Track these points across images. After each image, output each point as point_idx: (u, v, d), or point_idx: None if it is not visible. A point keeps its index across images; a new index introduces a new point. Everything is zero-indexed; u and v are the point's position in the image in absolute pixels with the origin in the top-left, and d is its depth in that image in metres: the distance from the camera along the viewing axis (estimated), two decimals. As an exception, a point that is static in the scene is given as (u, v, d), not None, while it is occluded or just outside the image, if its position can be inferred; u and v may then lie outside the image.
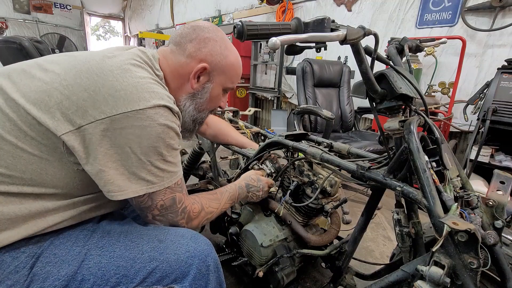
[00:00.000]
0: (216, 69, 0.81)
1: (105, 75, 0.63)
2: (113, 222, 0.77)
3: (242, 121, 1.77)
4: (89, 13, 8.40)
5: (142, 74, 0.68)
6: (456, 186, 0.72)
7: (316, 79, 2.66)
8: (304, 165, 1.06)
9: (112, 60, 0.68)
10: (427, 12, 2.91)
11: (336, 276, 1.04)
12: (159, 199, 0.71)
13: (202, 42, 0.78)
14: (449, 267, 0.57)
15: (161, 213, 0.73)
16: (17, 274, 0.61)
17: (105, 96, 0.61)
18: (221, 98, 0.90)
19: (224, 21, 5.48)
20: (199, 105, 0.84)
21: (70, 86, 0.62)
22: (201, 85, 0.82)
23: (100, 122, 0.60)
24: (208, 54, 0.79)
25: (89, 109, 0.60)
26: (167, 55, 0.80)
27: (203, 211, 0.83)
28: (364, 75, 0.69)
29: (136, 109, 0.62)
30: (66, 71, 0.64)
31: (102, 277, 0.65)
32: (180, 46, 0.79)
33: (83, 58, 0.68)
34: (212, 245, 0.76)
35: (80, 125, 0.60)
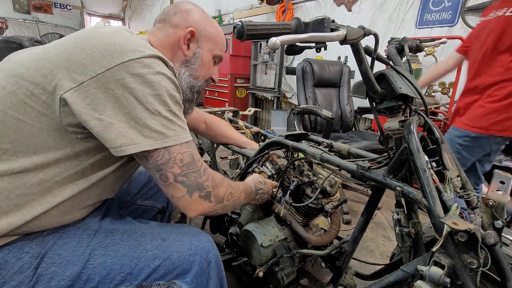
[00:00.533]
0: (202, 35, 0.85)
1: (98, 36, 0.65)
2: (116, 222, 0.77)
3: (242, 121, 1.77)
4: (89, 13, 8.40)
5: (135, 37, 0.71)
6: (456, 186, 0.72)
7: (316, 79, 2.66)
8: (304, 165, 1.06)
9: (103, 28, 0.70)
10: (427, 12, 2.91)
11: (336, 276, 1.04)
12: (176, 152, 0.66)
13: (185, 12, 0.83)
14: (449, 267, 0.57)
15: (182, 171, 0.67)
16: (21, 274, 0.61)
17: (101, 52, 0.62)
18: (213, 67, 0.91)
19: (224, 21, 5.48)
20: (194, 71, 0.86)
21: (67, 50, 0.63)
22: (191, 51, 0.84)
23: (101, 75, 0.60)
24: (193, 21, 0.83)
25: (88, 65, 0.61)
26: (154, 33, 0.83)
27: (226, 180, 0.79)
28: (364, 75, 0.69)
29: (133, 58, 0.62)
30: (60, 42, 0.67)
31: (107, 276, 0.66)
32: (165, 21, 0.83)
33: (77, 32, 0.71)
34: (213, 242, 0.77)
35: (82, 81, 0.60)
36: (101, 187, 0.74)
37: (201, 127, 1.34)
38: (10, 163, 0.61)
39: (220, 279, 0.76)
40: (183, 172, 0.67)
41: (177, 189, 0.68)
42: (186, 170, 0.68)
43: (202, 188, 0.70)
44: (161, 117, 0.64)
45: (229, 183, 0.81)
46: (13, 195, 0.61)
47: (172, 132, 0.66)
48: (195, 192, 0.69)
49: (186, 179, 0.68)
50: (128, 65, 0.61)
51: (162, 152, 0.65)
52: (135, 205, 1.06)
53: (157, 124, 0.64)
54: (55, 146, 0.63)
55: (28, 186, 0.62)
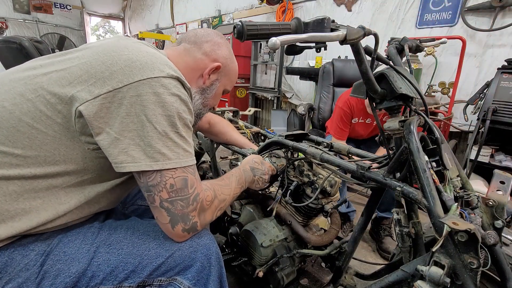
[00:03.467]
0: (224, 70, 0.91)
1: (121, 50, 0.67)
2: (119, 220, 0.78)
3: (242, 121, 1.77)
4: (89, 13, 8.39)
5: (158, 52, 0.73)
6: (456, 186, 0.72)
7: (336, 78, 2.53)
8: (304, 165, 1.06)
9: (126, 40, 0.73)
10: (427, 12, 2.90)
11: (336, 276, 1.04)
12: (168, 176, 0.66)
13: (216, 44, 0.88)
14: (449, 267, 0.57)
15: (169, 197, 0.66)
16: (27, 271, 0.62)
17: (122, 67, 0.63)
18: (219, 98, 0.97)
19: (224, 21, 5.48)
20: (206, 100, 0.91)
21: (88, 62, 0.65)
22: (211, 82, 0.89)
23: (117, 91, 0.62)
24: (221, 56, 0.88)
25: (107, 79, 0.62)
26: (178, 51, 0.86)
27: (216, 199, 0.78)
28: (364, 75, 0.69)
29: (151, 77, 0.63)
30: (84, 53, 0.69)
31: (111, 273, 0.67)
32: (196, 44, 0.86)
33: (100, 42, 0.73)
34: (214, 239, 0.77)
35: (98, 94, 0.61)
36: (108, 197, 0.76)
37: (204, 126, 1.37)
38: (21, 169, 0.62)
39: (220, 275, 0.77)
40: (170, 199, 0.66)
41: (161, 215, 0.67)
42: (173, 197, 0.66)
43: (187, 220, 0.69)
44: (167, 138, 0.65)
45: (219, 200, 0.79)
46: (21, 199, 0.63)
47: (175, 154, 0.66)
48: (179, 224, 0.68)
49: (171, 206, 0.66)
50: (145, 83, 0.63)
51: (154, 174, 0.65)
52: (135, 205, 1.07)
53: (161, 145, 0.64)
54: (65, 155, 0.65)
55: (37, 191, 0.64)
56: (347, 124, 1.84)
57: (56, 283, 0.63)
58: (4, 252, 0.62)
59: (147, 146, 0.63)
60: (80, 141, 0.65)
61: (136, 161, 0.63)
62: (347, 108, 1.80)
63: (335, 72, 2.52)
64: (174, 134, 0.66)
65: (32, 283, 0.62)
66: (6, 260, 0.62)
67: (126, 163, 0.63)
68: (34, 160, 0.63)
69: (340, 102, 1.85)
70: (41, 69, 0.67)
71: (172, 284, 0.70)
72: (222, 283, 0.78)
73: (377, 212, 1.71)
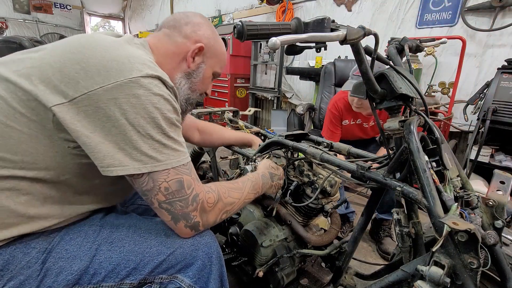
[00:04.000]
0: (209, 51, 0.86)
1: (96, 48, 0.63)
2: (120, 217, 0.78)
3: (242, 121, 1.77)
4: (89, 13, 8.39)
5: (135, 50, 0.69)
6: (456, 186, 0.72)
7: (338, 78, 2.52)
8: (304, 165, 1.06)
9: (103, 36, 0.69)
10: (427, 12, 2.90)
11: (336, 276, 1.04)
12: (161, 180, 0.64)
13: (197, 25, 0.84)
14: (449, 267, 0.57)
15: (167, 199, 0.65)
16: (29, 269, 0.63)
17: (97, 67, 0.60)
18: (210, 82, 0.93)
19: (224, 21, 5.48)
20: (193, 84, 0.87)
21: (61, 60, 0.61)
22: (196, 65, 0.85)
23: (93, 93, 0.59)
24: (203, 36, 0.84)
25: (81, 80, 0.59)
26: (159, 38, 0.83)
27: (221, 201, 0.75)
28: (364, 75, 0.69)
29: (129, 78, 0.60)
30: (55, 48, 0.65)
31: (113, 271, 0.67)
32: (175, 28, 0.83)
33: (74, 38, 0.69)
34: (215, 238, 0.77)
35: (73, 97, 0.59)
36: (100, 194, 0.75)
37: (195, 135, 1.32)
38: None
39: (221, 274, 0.77)
40: (168, 200, 0.66)
41: (163, 214, 0.68)
42: (171, 199, 0.66)
43: (189, 219, 0.69)
44: (153, 140, 0.63)
45: (225, 203, 0.76)
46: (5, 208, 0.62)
47: (164, 156, 0.64)
48: (181, 221, 0.68)
49: (171, 207, 0.66)
50: (123, 85, 0.60)
51: (146, 179, 0.64)
52: (135, 204, 1.06)
53: (147, 147, 0.62)
54: (45, 154, 0.62)
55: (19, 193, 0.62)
56: (337, 126, 1.86)
57: (58, 281, 0.63)
58: (6, 250, 0.62)
59: (133, 150, 0.61)
60: (59, 138, 0.62)
61: (123, 164, 0.61)
62: (335, 110, 1.83)
63: (336, 72, 2.51)
64: (161, 135, 0.64)
65: (34, 281, 0.62)
66: (7, 258, 0.62)
67: (113, 167, 0.61)
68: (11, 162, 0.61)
69: (330, 104, 1.89)
70: (12, 65, 0.64)
71: (173, 282, 0.70)
72: (223, 282, 0.78)
73: (376, 214, 1.72)
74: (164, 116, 0.64)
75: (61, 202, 0.68)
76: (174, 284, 0.70)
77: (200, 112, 1.91)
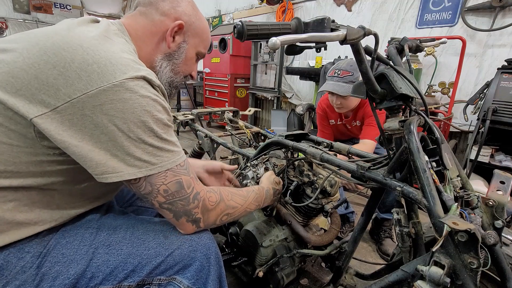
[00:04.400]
0: (190, 29, 0.80)
1: (74, 49, 0.57)
2: (118, 218, 0.77)
3: (242, 121, 1.77)
4: (89, 13, 8.39)
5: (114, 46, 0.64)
6: (456, 186, 0.72)
7: None
8: (304, 165, 1.06)
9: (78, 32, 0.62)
10: (427, 12, 2.91)
11: (336, 276, 1.04)
12: (159, 183, 0.63)
13: (175, 1, 0.77)
14: (449, 267, 0.57)
15: (167, 200, 0.65)
16: (24, 274, 0.62)
17: (77, 72, 0.56)
18: (194, 63, 0.87)
19: (224, 21, 5.48)
20: (175, 66, 0.81)
21: (36, 64, 0.56)
22: (177, 44, 0.79)
23: (76, 100, 0.55)
24: (183, 13, 0.77)
25: (61, 87, 0.55)
26: (135, 18, 0.77)
27: (223, 202, 0.75)
28: (364, 75, 0.69)
29: (113, 82, 0.56)
30: (28, 49, 0.58)
31: (110, 274, 0.67)
32: (151, 6, 0.76)
33: (44, 34, 0.61)
34: (214, 239, 0.77)
35: (54, 106, 0.55)
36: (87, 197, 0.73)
37: None
38: None
39: (219, 275, 0.77)
40: (168, 201, 0.66)
41: (164, 213, 0.69)
42: (171, 199, 0.66)
43: (190, 215, 0.69)
44: (145, 144, 0.61)
45: (227, 205, 0.76)
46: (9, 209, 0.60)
47: (158, 159, 0.63)
48: (182, 217, 0.69)
49: (172, 206, 0.67)
50: (108, 90, 0.56)
51: (144, 184, 0.63)
52: (134, 206, 1.05)
53: (141, 152, 0.60)
54: (28, 162, 0.60)
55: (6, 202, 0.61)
56: (326, 126, 1.90)
57: (55, 285, 0.63)
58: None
59: (125, 155, 0.59)
60: (42, 146, 0.59)
61: (117, 171, 0.59)
62: (320, 110, 1.86)
63: None
64: (153, 138, 0.62)
65: (30, 285, 0.62)
66: (1, 263, 0.61)
67: (107, 174, 0.59)
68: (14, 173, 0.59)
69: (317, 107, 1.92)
70: None
71: (172, 283, 0.70)
72: (222, 283, 0.78)
73: (378, 213, 1.71)
74: (155, 118, 0.62)
75: (50, 206, 0.66)
76: (173, 286, 0.70)
77: (200, 112, 1.91)
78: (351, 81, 1.54)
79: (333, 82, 1.58)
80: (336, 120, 1.86)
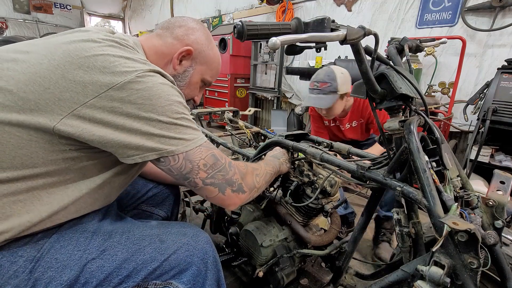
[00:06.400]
0: (199, 56, 0.85)
1: (96, 52, 0.62)
2: (114, 223, 0.76)
3: (242, 121, 1.77)
4: (89, 13, 8.40)
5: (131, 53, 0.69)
6: (456, 186, 0.72)
7: None
8: (304, 165, 1.06)
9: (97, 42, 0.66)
10: (427, 12, 2.91)
11: (336, 276, 1.04)
12: (198, 159, 0.68)
13: (190, 29, 0.83)
14: (449, 267, 0.57)
15: (208, 174, 0.69)
16: (16, 278, 0.61)
17: (101, 70, 0.60)
18: (198, 89, 0.91)
19: (224, 21, 5.48)
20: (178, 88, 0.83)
21: (61, 65, 0.60)
22: (182, 68, 0.84)
23: (104, 95, 0.60)
24: (195, 41, 0.83)
25: (88, 84, 0.59)
26: (151, 38, 0.83)
27: (248, 166, 0.82)
28: (364, 75, 0.69)
29: (135, 75, 0.62)
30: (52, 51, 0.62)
31: (105, 279, 0.66)
32: (168, 30, 0.83)
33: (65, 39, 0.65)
34: (211, 242, 0.77)
35: (83, 102, 0.59)
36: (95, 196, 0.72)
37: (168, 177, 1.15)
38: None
39: (217, 279, 0.76)
40: (210, 175, 0.70)
41: (209, 191, 0.71)
42: (211, 172, 0.70)
43: (232, 183, 0.74)
44: (176, 126, 0.66)
45: (252, 167, 0.84)
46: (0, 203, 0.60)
47: (190, 136, 0.68)
48: (227, 188, 0.73)
49: (214, 180, 0.71)
50: (132, 81, 0.61)
51: (183, 162, 0.67)
52: (138, 209, 1.04)
53: (174, 132, 0.65)
54: (44, 157, 0.61)
55: (16, 194, 0.61)
56: (320, 127, 1.89)
57: None
58: None
59: (160, 137, 0.64)
60: (60, 143, 0.61)
61: (155, 150, 0.64)
62: (314, 112, 1.85)
63: None
64: (181, 120, 0.67)
65: None
66: None
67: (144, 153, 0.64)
68: (10, 164, 0.59)
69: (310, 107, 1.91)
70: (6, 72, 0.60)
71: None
72: (220, 286, 0.77)
73: (379, 211, 1.69)
74: (177, 101, 0.67)
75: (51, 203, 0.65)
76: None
77: (200, 112, 1.92)
78: (331, 91, 1.55)
79: (314, 96, 1.60)
80: (329, 122, 1.86)
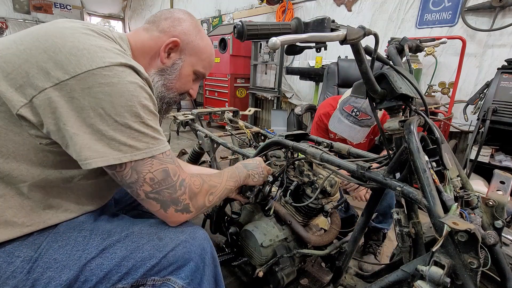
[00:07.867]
0: (188, 48, 0.81)
1: (66, 37, 0.59)
2: (112, 221, 0.76)
3: (242, 121, 1.77)
4: (89, 13, 8.39)
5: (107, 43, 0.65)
6: (456, 186, 0.72)
7: (340, 79, 2.47)
8: (304, 165, 1.06)
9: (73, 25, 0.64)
10: (427, 12, 2.91)
11: (336, 276, 1.04)
12: (145, 171, 0.63)
13: (176, 20, 0.80)
14: (449, 267, 0.57)
15: (154, 189, 0.65)
16: (15, 279, 0.61)
17: (67, 56, 0.57)
18: (192, 81, 0.88)
19: (224, 21, 5.48)
20: (168, 81, 0.82)
21: (27, 50, 0.58)
22: (171, 61, 0.81)
23: (64, 83, 0.56)
24: (182, 32, 0.80)
25: (51, 70, 0.56)
26: (138, 32, 0.81)
27: (205, 183, 0.77)
28: (364, 75, 0.69)
29: (101, 66, 0.58)
30: (22, 37, 0.61)
31: (104, 277, 0.66)
32: (154, 23, 0.81)
33: (40, 26, 0.64)
34: (209, 239, 0.77)
35: (42, 88, 0.56)
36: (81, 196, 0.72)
37: None
38: None
39: (215, 275, 0.77)
40: (155, 190, 0.65)
41: (151, 205, 0.68)
42: (157, 188, 0.65)
43: (178, 203, 0.69)
44: (131, 130, 0.61)
45: (209, 185, 0.79)
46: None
47: (144, 144, 0.63)
48: (171, 207, 0.68)
49: (158, 195, 0.66)
50: (96, 74, 0.57)
51: (129, 172, 0.62)
52: (138, 210, 1.04)
53: (126, 137, 0.60)
54: (15, 152, 0.60)
55: None
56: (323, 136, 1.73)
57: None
58: None
59: (110, 140, 0.59)
60: (30, 135, 0.59)
61: (102, 155, 0.58)
62: (321, 123, 1.71)
63: (339, 72, 2.48)
64: (139, 124, 0.62)
65: None
66: None
67: (91, 159, 0.58)
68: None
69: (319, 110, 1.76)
70: None
71: (166, 284, 0.70)
72: (218, 282, 0.77)
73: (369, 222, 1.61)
74: (142, 104, 0.62)
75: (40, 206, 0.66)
76: (167, 286, 0.69)
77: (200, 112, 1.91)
78: (367, 125, 1.33)
79: (348, 123, 1.34)
80: (334, 135, 1.70)
